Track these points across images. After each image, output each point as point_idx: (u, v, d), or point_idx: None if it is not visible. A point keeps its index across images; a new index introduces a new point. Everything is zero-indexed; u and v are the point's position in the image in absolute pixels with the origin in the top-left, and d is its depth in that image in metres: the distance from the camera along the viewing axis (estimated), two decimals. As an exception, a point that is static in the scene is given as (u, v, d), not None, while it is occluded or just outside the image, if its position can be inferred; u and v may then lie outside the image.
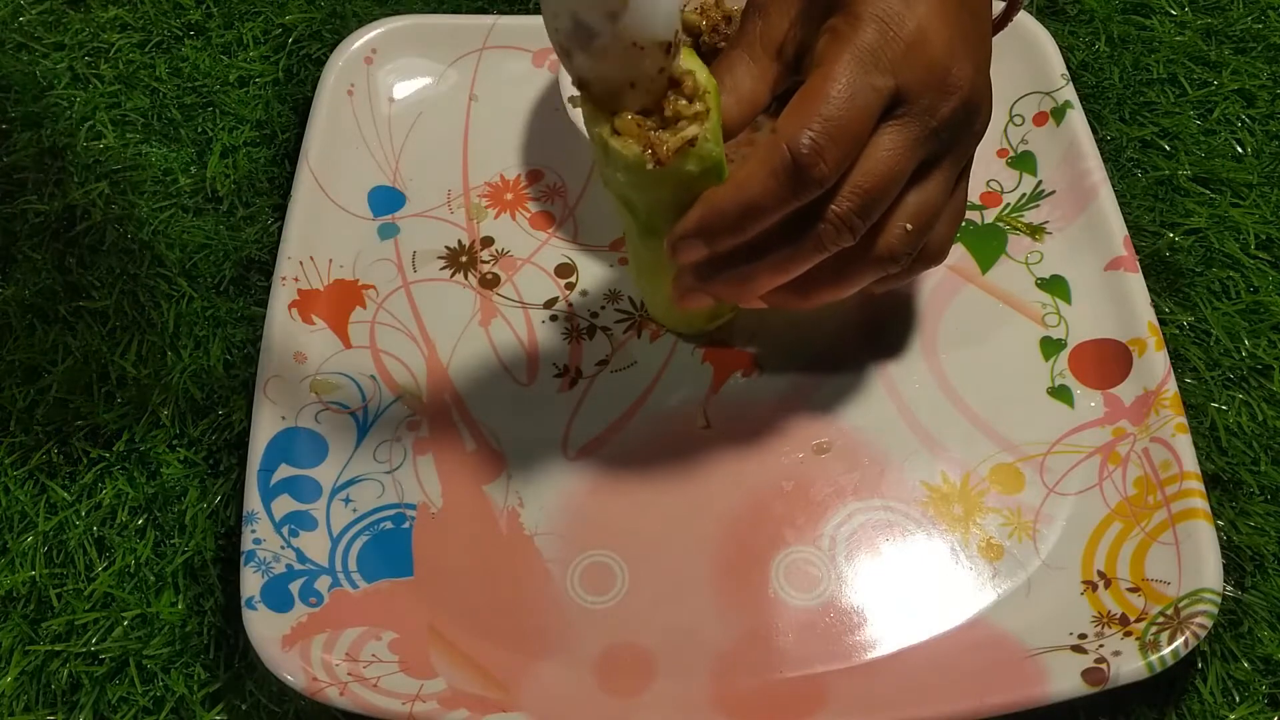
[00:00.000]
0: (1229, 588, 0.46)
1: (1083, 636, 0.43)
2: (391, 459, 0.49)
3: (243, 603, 0.43)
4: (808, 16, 0.42)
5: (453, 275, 0.54)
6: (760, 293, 0.43)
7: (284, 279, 0.52)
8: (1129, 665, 0.42)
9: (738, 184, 0.40)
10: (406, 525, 0.47)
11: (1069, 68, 0.58)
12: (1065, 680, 0.42)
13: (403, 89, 0.60)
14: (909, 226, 0.42)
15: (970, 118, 0.42)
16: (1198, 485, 0.46)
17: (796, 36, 0.42)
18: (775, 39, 0.43)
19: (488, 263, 0.55)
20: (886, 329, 0.52)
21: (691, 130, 0.39)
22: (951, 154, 0.42)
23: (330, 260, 0.54)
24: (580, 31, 0.37)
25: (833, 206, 0.40)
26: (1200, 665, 0.45)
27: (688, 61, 0.40)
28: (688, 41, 0.44)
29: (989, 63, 0.43)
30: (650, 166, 0.39)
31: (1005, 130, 0.58)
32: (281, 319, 0.51)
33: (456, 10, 0.64)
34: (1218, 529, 0.45)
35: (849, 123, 0.39)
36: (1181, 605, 0.43)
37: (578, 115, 0.53)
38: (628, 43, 0.37)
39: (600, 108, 0.40)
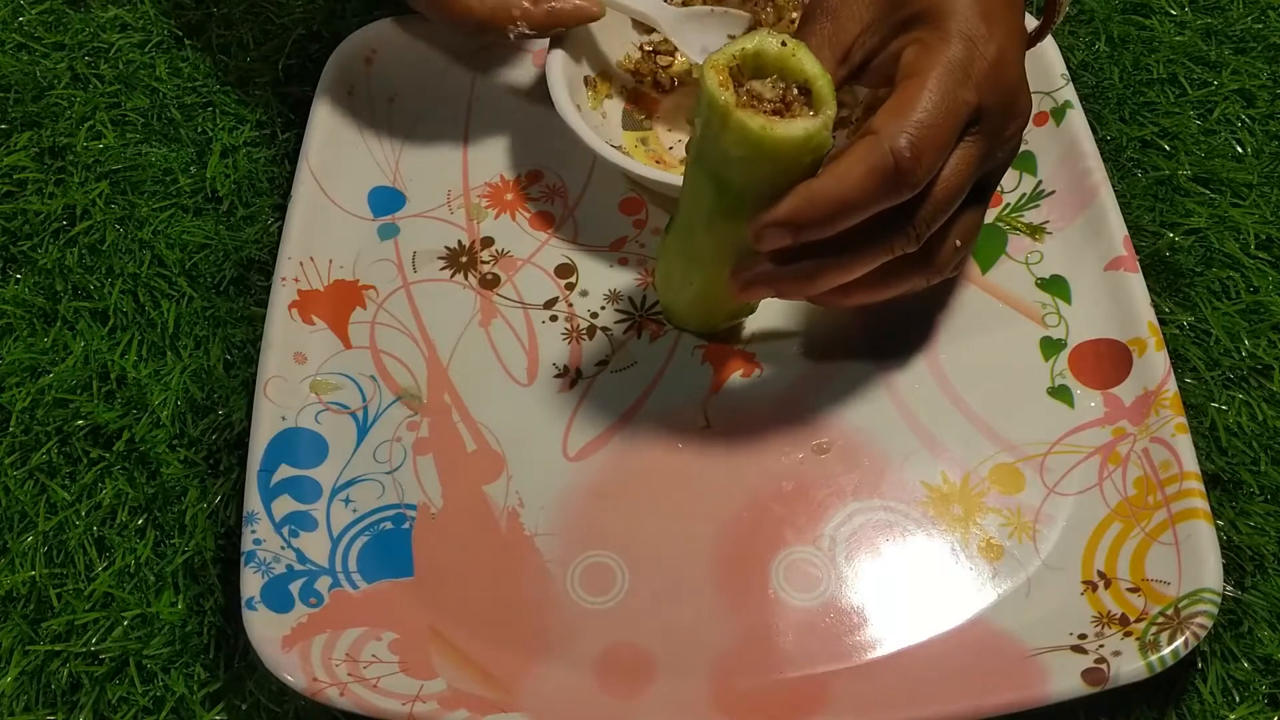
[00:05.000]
0: (1229, 588, 0.46)
1: (1083, 637, 0.43)
2: (391, 459, 0.49)
3: (243, 603, 0.43)
4: (883, 26, 0.43)
5: (453, 275, 0.54)
6: (820, 290, 0.44)
7: (284, 279, 0.52)
8: (1129, 665, 0.42)
9: (836, 177, 0.40)
10: (406, 526, 0.47)
11: (1069, 68, 0.58)
12: (1065, 680, 0.42)
13: (403, 89, 0.60)
14: (959, 243, 0.44)
15: (1019, 141, 0.44)
16: (1198, 485, 0.46)
17: (866, 44, 0.43)
18: (844, 43, 0.44)
19: (488, 263, 0.55)
20: (887, 329, 0.52)
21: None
22: (997, 174, 0.45)
23: (330, 260, 0.54)
24: None
25: (913, 213, 0.41)
26: (1200, 665, 0.45)
27: (801, 53, 0.41)
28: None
29: None
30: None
31: (1005, 130, 0.58)
32: (281, 319, 0.51)
33: (456, 10, 0.64)
34: (1218, 529, 0.45)
35: (942, 131, 0.40)
36: (1181, 605, 0.43)
37: (572, 116, 0.53)
38: None
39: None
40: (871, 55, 0.44)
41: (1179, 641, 0.42)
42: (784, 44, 0.41)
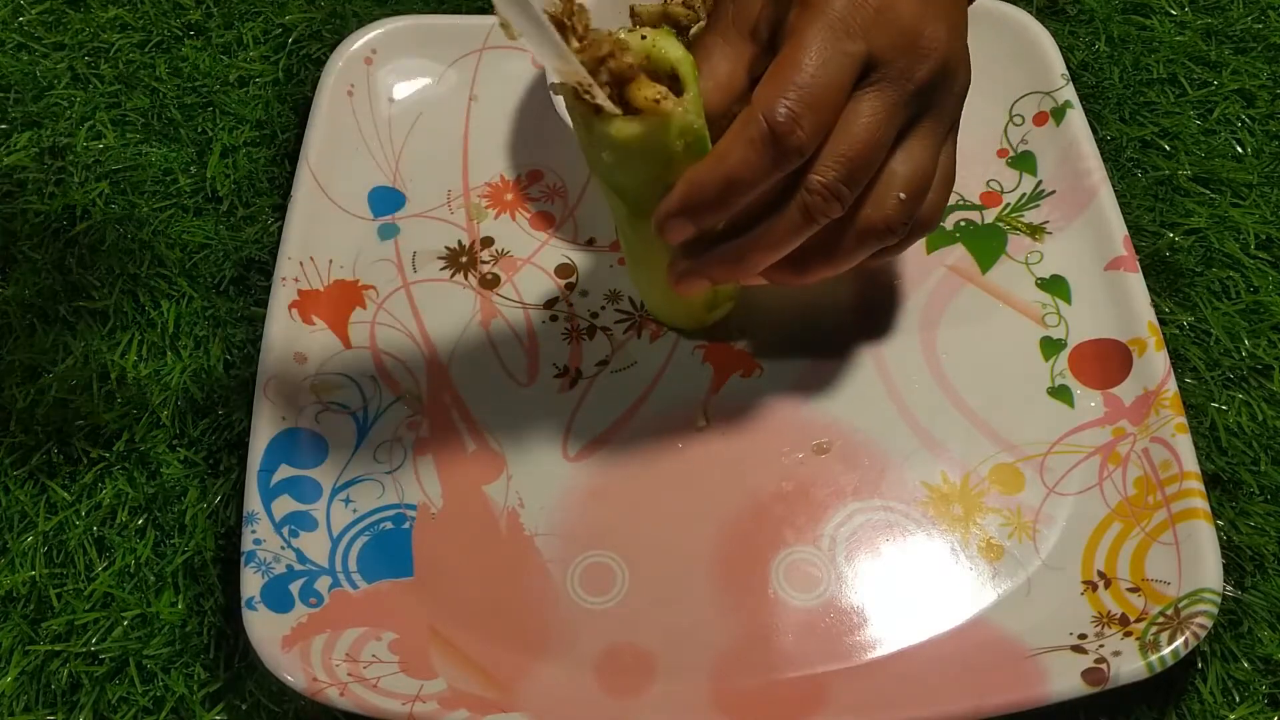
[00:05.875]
0: (1229, 588, 0.46)
1: (1083, 637, 0.43)
2: (391, 459, 0.49)
3: (243, 603, 0.43)
4: None
5: (453, 276, 0.54)
6: (755, 270, 0.43)
7: (284, 279, 0.52)
8: (1129, 665, 0.42)
9: (717, 156, 0.40)
10: (406, 526, 0.47)
11: (1069, 68, 0.58)
12: (1065, 680, 0.42)
13: (403, 89, 0.60)
14: (902, 196, 0.42)
15: (948, 80, 0.42)
16: (1198, 485, 0.46)
17: (770, 16, 0.42)
18: (749, 20, 0.43)
19: (488, 263, 0.55)
20: (887, 329, 0.52)
21: (663, 96, 0.39)
22: (932, 118, 0.42)
23: (330, 261, 0.54)
24: None
25: (816, 176, 0.40)
26: (1200, 665, 0.45)
27: (663, 41, 0.40)
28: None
29: (964, 27, 0.43)
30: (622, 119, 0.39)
31: (1005, 130, 0.58)
32: (281, 319, 0.51)
33: (456, 10, 0.64)
34: (1218, 529, 0.45)
35: (823, 89, 0.39)
36: (1181, 605, 0.43)
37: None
38: None
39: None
40: (776, 27, 0.42)
41: (1179, 641, 0.42)
42: (644, 37, 0.40)
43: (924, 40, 0.41)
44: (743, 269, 0.43)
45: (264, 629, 0.43)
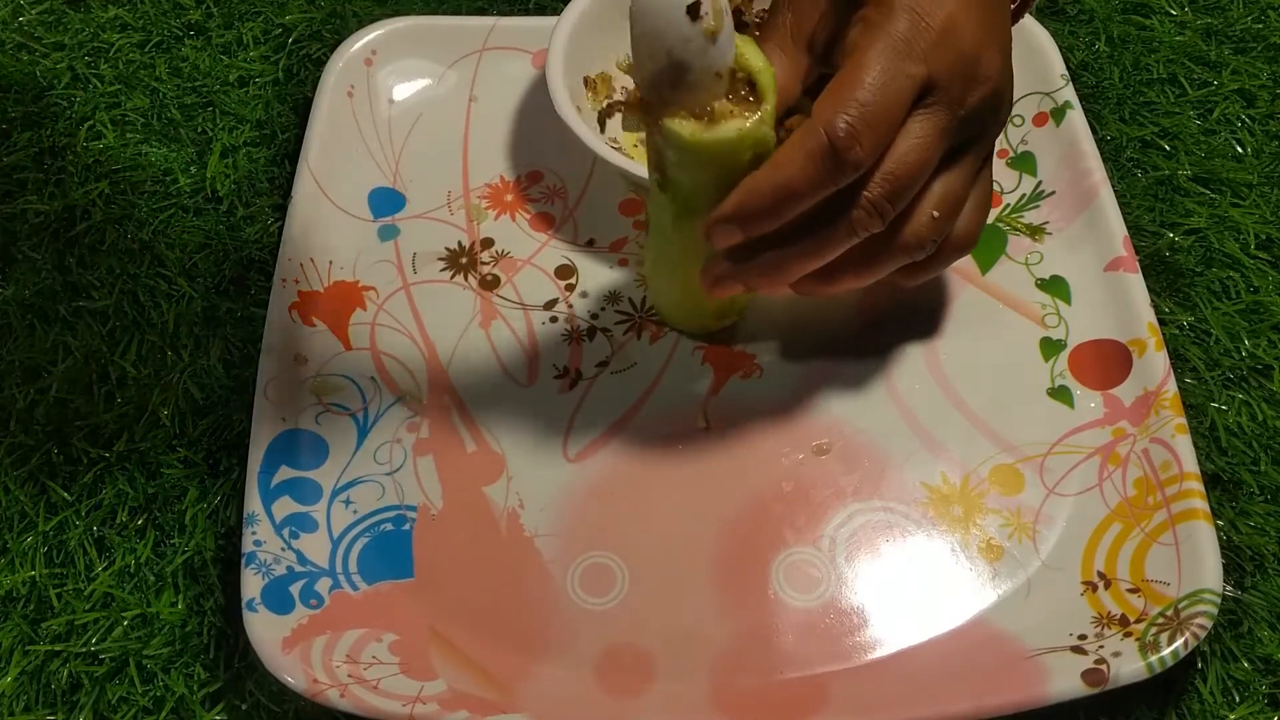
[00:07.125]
0: (1229, 588, 0.46)
1: (1083, 637, 0.43)
2: (392, 460, 0.49)
3: (243, 605, 0.43)
4: (837, 8, 0.42)
5: (453, 277, 0.54)
6: (791, 280, 0.44)
7: (284, 280, 0.52)
8: (1129, 666, 0.42)
9: (774, 166, 0.40)
10: (407, 527, 0.47)
11: (1069, 68, 0.59)
12: (1065, 681, 0.42)
13: (402, 90, 0.60)
14: (936, 214, 0.43)
15: (997, 107, 0.43)
16: (1198, 485, 0.46)
17: (827, 28, 0.43)
18: (805, 31, 0.43)
19: (488, 264, 0.55)
20: (887, 330, 0.52)
21: (738, 119, 0.40)
22: (977, 142, 0.43)
23: (330, 262, 0.54)
24: (675, 69, 0.39)
25: (865, 192, 0.41)
26: (1200, 665, 0.45)
27: (746, 49, 0.40)
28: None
29: (1011, 52, 0.44)
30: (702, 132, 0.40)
31: (1005, 130, 0.58)
32: (282, 321, 0.51)
33: (456, 11, 0.64)
34: (1218, 529, 0.45)
35: (884, 109, 0.39)
36: (1181, 606, 0.43)
37: (572, 117, 0.53)
38: (712, 74, 0.39)
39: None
40: (833, 39, 0.43)
41: (1179, 642, 0.42)
42: None
43: (981, 67, 0.41)
44: (780, 277, 0.44)
45: (264, 630, 0.43)
